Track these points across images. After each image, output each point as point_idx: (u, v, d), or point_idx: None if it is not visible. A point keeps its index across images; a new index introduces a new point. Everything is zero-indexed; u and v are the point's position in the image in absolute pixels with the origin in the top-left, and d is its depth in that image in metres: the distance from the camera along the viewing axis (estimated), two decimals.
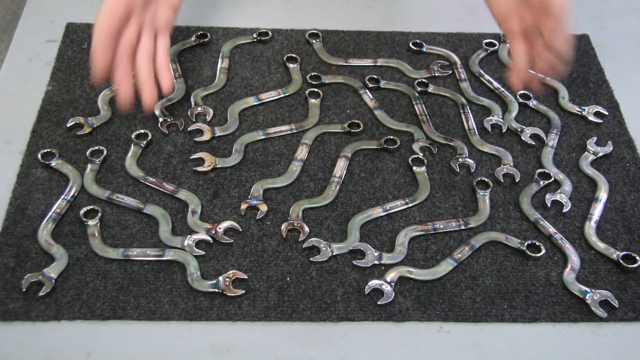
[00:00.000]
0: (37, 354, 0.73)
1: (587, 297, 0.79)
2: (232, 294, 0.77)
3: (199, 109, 0.96)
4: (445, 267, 0.81)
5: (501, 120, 0.98)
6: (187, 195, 0.86)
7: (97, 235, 0.82)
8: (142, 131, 0.93)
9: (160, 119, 0.94)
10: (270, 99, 0.99)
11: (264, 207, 0.86)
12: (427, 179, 0.90)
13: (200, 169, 0.89)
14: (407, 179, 0.91)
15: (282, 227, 0.84)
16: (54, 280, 0.77)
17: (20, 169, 0.88)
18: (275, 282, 0.80)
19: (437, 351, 0.76)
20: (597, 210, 0.88)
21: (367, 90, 1.01)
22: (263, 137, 0.94)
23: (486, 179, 0.90)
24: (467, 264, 0.82)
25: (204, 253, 0.81)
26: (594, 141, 0.95)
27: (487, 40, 1.08)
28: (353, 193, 0.89)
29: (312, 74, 1.02)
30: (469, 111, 0.99)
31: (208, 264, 0.81)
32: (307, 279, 0.80)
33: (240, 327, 0.76)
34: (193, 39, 1.06)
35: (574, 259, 0.83)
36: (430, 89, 1.01)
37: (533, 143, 0.96)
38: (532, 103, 1.00)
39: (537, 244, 0.84)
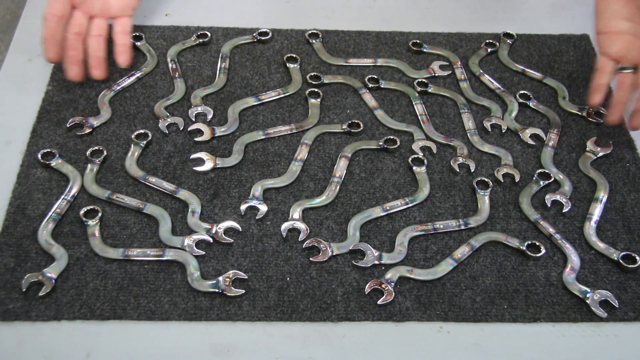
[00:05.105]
0: (37, 354, 0.73)
1: (587, 297, 0.79)
2: (232, 294, 0.77)
3: (199, 109, 0.96)
4: (445, 267, 0.81)
5: (501, 120, 0.98)
6: (187, 195, 0.86)
7: (97, 235, 0.82)
8: (142, 131, 0.93)
9: (160, 119, 0.94)
10: (270, 99, 0.99)
11: (264, 207, 0.86)
12: (427, 179, 0.90)
13: (200, 169, 0.89)
14: (407, 179, 0.91)
15: (282, 227, 0.84)
16: (54, 280, 0.77)
17: (20, 169, 0.88)
18: (275, 282, 0.80)
19: (437, 351, 0.76)
20: (597, 210, 0.88)
21: (367, 90, 1.01)
22: (263, 137, 0.94)
23: (486, 179, 0.90)
24: (467, 264, 0.82)
25: (204, 253, 0.81)
26: (594, 141, 0.95)
27: (487, 41, 1.08)
28: (353, 193, 0.89)
29: (312, 74, 1.02)
30: (469, 111, 0.99)
31: (208, 264, 0.81)
32: (307, 279, 0.80)
33: (240, 327, 0.76)
34: (193, 39, 1.06)
35: (574, 259, 0.83)
36: (430, 89, 1.01)
37: (533, 143, 0.96)
38: (532, 103, 1.00)
39: (537, 244, 0.84)
